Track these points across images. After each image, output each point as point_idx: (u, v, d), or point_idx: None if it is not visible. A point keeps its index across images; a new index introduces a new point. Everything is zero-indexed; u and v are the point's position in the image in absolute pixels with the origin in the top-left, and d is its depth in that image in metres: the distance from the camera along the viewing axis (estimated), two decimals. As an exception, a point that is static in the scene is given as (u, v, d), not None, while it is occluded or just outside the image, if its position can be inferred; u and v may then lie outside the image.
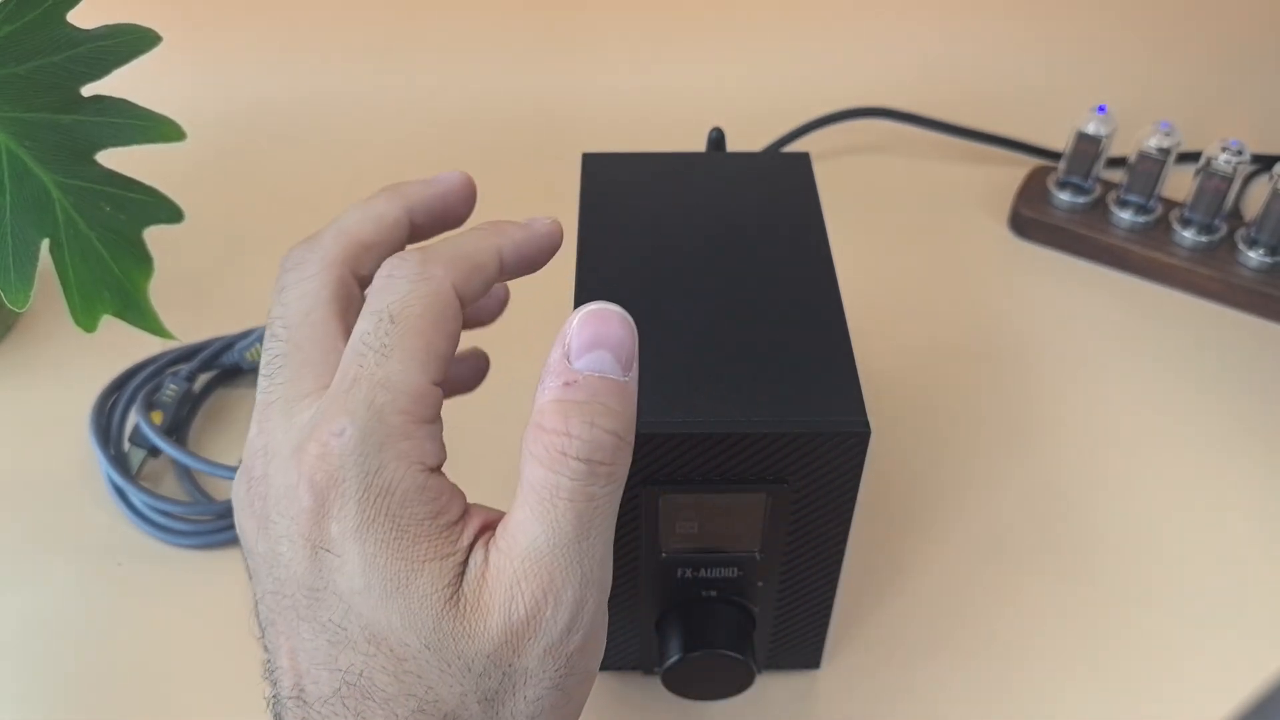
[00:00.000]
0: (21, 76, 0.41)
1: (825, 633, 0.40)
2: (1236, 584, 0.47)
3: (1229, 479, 0.51)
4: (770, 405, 0.33)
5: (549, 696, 0.27)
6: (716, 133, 0.47)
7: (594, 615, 0.27)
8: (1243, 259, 0.59)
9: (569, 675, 0.27)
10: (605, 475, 0.26)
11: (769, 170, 0.43)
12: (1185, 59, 0.71)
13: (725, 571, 0.37)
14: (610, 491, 0.26)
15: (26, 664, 0.44)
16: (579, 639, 0.27)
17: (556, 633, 0.26)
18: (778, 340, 0.35)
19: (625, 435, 0.26)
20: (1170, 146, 0.58)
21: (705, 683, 0.38)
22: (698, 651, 0.37)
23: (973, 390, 0.55)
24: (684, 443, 0.33)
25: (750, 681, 0.38)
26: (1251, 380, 0.55)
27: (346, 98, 0.69)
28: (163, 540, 0.47)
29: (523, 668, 0.26)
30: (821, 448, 0.33)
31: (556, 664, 0.26)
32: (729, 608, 0.38)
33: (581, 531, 0.26)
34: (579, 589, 0.26)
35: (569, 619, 0.26)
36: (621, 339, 0.27)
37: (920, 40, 0.73)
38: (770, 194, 0.41)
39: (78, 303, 0.44)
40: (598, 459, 0.26)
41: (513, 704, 0.26)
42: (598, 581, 0.27)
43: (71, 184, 0.43)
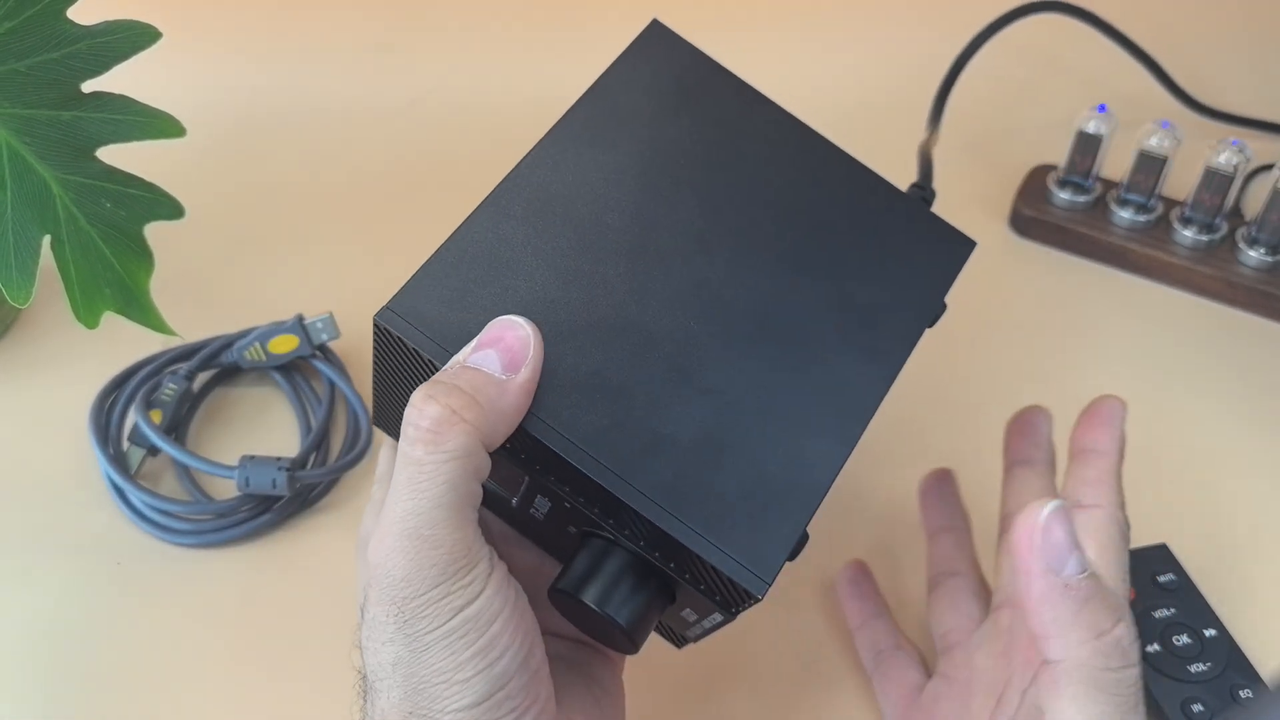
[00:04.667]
0: (22, 73, 0.41)
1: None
2: (1239, 582, 0.47)
3: (1230, 478, 0.51)
4: (687, 502, 0.30)
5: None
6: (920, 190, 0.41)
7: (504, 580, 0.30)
8: (1243, 258, 0.59)
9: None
10: (429, 441, 0.29)
11: (920, 239, 0.37)
12: (1186, 56, 0.71)
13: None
14: (435, 460, 0.29)
15: (25, 663, 0.43)
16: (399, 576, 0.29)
17: (421, 598, 0.29)
18: (768, 439, 0.32)
19: (466, 414, 0.29)
20: (1171, 145, 0.58)
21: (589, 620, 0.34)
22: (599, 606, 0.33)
23: (972, 388, 0.55)
24: (570, 471, 0.31)
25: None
26: (1252, 379, 0.55)
27: (347, 94, 0.69)
28: (161, 539, 0.47)
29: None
30: (716, 578, 0.30)
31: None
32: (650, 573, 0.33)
33: (406, 491, 0.29)
34: (445, 560, 0.29)
35: (433, 576, 0.29)
36: (511, 345, 0.30)
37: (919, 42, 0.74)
38: (903, 268, 0.36)
39: (79, 299, 0.43)
40: (422, 424, 0.29)
41: None
42: (471, 556, 0.30)
43: (72, 180, 0.43)
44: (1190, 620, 0.45)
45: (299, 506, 0.48)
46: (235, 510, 0.47)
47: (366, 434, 0.50)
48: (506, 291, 0.32)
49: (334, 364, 0.53)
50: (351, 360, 0.54)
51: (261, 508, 0.48)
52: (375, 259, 0.61)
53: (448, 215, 0.68)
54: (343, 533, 0.48)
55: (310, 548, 0.48)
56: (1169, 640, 0.45)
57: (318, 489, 0.49)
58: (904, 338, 0.34)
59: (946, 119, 0.68)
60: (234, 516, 0.47)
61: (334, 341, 0.53)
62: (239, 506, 0.47)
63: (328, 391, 0.52)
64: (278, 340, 0.52)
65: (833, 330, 0.34)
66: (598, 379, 0.31)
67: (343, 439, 0.51)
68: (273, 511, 0.47)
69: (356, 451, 0.49)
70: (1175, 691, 0.43)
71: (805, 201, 0.36)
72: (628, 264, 0.33)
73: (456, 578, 0.29)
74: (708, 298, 0.33)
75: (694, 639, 0.35)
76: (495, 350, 0.30)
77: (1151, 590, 0.46)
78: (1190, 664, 0.44)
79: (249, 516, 0.47)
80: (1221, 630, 0.45)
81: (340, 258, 0.60)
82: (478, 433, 0.29)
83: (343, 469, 0.49)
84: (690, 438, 0.31)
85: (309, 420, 0.51)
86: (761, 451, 0.31)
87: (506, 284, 0.33)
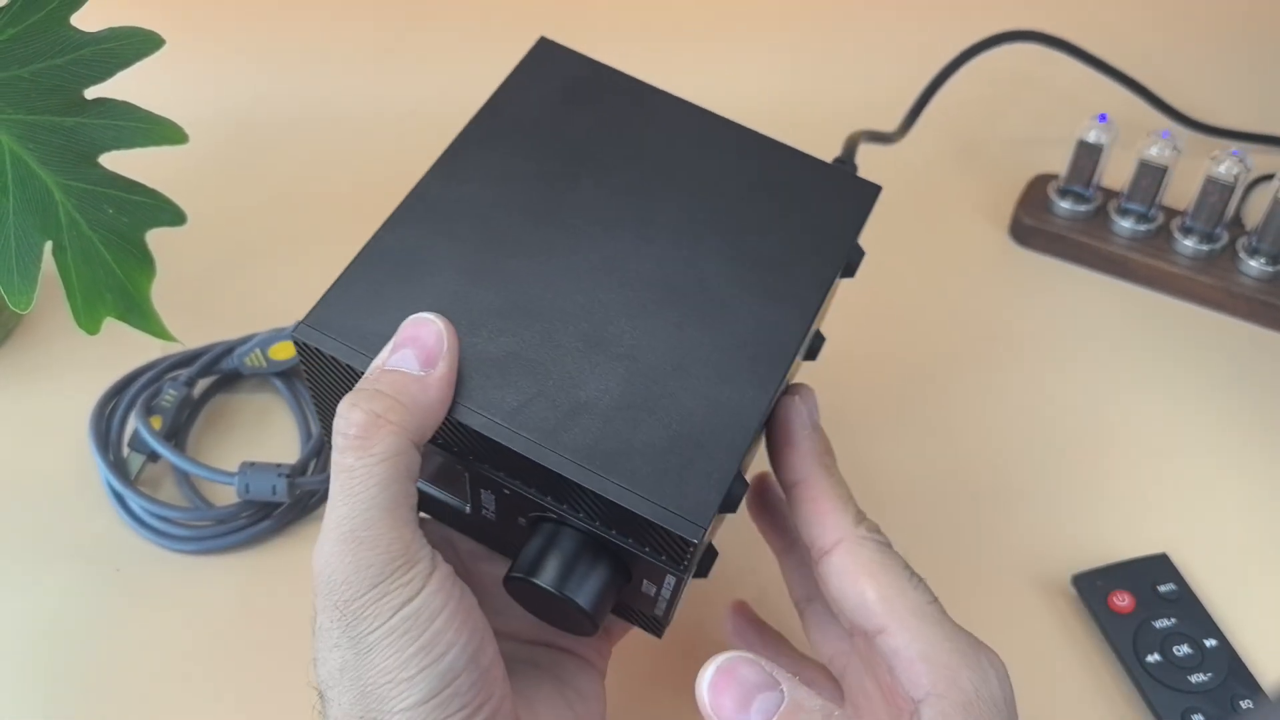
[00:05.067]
0: (25, 79, 0.41)
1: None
2: (1240, 592, 0.47)
3: (1231, 487, 0.51)
4: (616, 463, 0.30)
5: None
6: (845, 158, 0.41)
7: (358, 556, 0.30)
8: (1244, 267, 0.59)
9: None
10: (357, 447, 0.30)
11: (822, 191, 0.37)
12: (1186, 64, 0.71)
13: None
14: (366, 464, 0.29)
15: (24, 669, 0.43)
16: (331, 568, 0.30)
17: (356, 598, 0.30)
18: (687, 393, 0.32)
19: (390, 416, 0.30)
20: (1171, 155, 0.58)
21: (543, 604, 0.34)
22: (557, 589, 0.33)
23: (973, 398, 0.55)
24: (527, 461, 0.31)
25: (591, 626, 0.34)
26: (1252, 389, 0.55)
27: (350, 101, 0.69)
28: (161, 545, 0.47)
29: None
30: (652, 532, 0.31)
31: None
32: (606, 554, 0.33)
33: (341, 496, 0.30)
34: (384, 560, 0.29)
35: (374, 581, 0.30)
36: (425, 341, 0.31)
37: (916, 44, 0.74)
38: (807, 221, 0.36)
39: (80, 305, 0.43)
40: (349, 432, 0.30)
41: None
42: (416, 558, 0.30)
43: (74, 186, 0.43)
44: (1191, 630, 0.45)
45: (299, 513, 0.48)
46: (235, 517, 0.47)
47: (367, 441, 0.50)
48: (418, 293, 0.33)
49: (335, 371, 0.53)
50: (352, 367, 0.54)
51: (261, 514, 0.47)
52: (376, 266, 0.61)
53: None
54: (342, 539, 0.48)
55: (309, 555, 0.47)
56: (1169, 650, 0.44)
57: (317, 496, 0.49)
58: (814, 282, 0.35)
59: (947, 127, 0.68)
60: (233, 523, 0.47)
61: (335, 348, 0.53)
62: (239, 513, 0.47)
63: (328, 398, 0.52)
64: (279, 346, 0.52)
65: (740, 284, 0.34)
66: (514, 360, 0.32)
67: (343, 446, 0.51)
68: (272, 518, 0.47)
69: (357, 458, 0.49)
70: (1176, 702, 0.43)
71: (707, 175, 0.37)
72: (534, 253, 0.35)
73: (395, 576, 0.29)
74: (615, 272, 0.34)
75: (665, 617, 0.35)
76: (411, 349, 0.31)
77: (1152, 600, 0.46)
78: (1191, 674, 0.44)
79: (249, 523, 0.47)
80: (1222, 640, 0.45)
81: (342, 264, 0.60)
82: (405, 432, 0.30)
83: (343, 476, 0.49)
84: (610, 402, 0.32)
85: (309, 427, 0.51)
86: (683, 405, 0.32)
87: (418, 286, 0.34)
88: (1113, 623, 0.45)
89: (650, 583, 0.33)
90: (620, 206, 0.36)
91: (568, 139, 0.37)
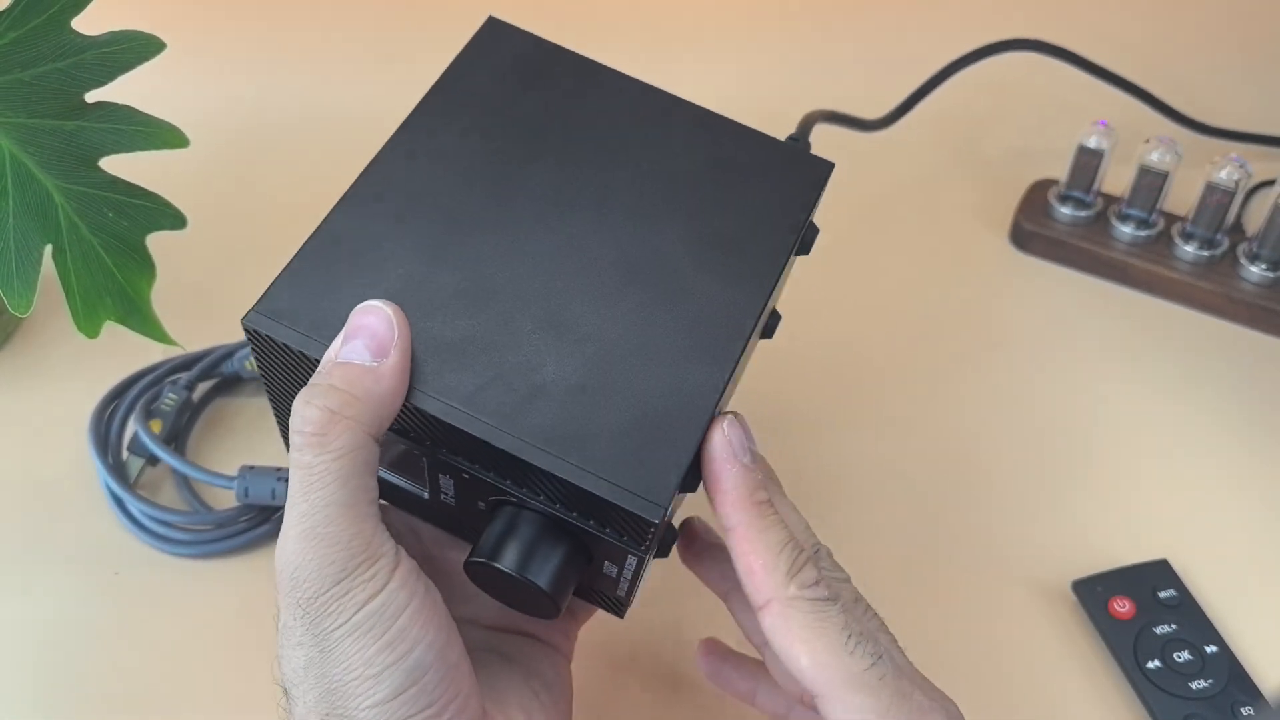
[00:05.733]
0: (26, 82, 0.41)
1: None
2: (1240, 598, 0.47)
3: (1231, 493, 0.51)
4: (575, 444, 0.30)
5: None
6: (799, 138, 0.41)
7: (324, 552, 0.29)
8: (1244, 273, 0.59)
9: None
10: (315, 444, 0.29)
11: (775, 167, 0.37)
12: (1187, 71, 0.71)
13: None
14: (323, 461, 0.29)
15: (23, 672, 0.43)
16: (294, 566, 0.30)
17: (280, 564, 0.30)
18: (646, 373, 0.32)
19: (346, 411, 0.29)
20: (1172, 161, 0.58)
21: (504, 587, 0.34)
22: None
23: (973, 402, 0.55)
24: (485, 443, 0.31)
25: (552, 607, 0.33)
26: (1252, 395, 0.55)
27: (350, 105, 0.69)
28: (160, 549, 0.47)
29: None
30: (613, 513, 0.30)
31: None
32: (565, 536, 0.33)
33: (300, 494, 0.29)
34: (346, 556, 0.29)
35: (353, 575, 0.29)
36: (375, 329, 0.31)
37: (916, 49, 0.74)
38: (762, 196, 0.37)
39: (80, 308, 0.43)
40: (305, 429, 0.29)
41: None
42: (378, 555, 0.30)
43: (75, 190, 0.43)
44: (1191, 636, 0.45)
45: (298, 517, 0.48)
46: (234, 520, 0.47)
47: (366, 445, 0.50)
48: (372, 277, 0.33)
49: (334, 374, 0.53)
50: (352, 371, 0.54)
51: (260, 518, 0.47)
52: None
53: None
54: (342, 544, 0.48)
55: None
56: (1170, 656, 0.44)
57: (317, 500, 0.49)
58: (769, 259, 0.35)
59: (947, 133, 0.68)
60: (233, 527, 0.47)
61: (335, 352, 0.53)
62: (238, 517, 0.47)
63: (328, 402, 0.52)
64: (278, 350, 0.52)
65: (696, 263, 0.35)
66: (471, 343, 0.32)
67: (343, 450, 0.51)
68: (271, 522, 0.47)
69: (356, 462, 0.49)
70: (1176, 708, 0.43)
71: (661, 152, 0.37)
72: (490, 235, 0.34)
73: (358, 573, 0.29)
74: (572, 255, 0.34)
75: (627, 598, 0.35)
76: (361, 339, 0.30)
77: (1152, 606, 0.46)
78: (1191, 680, 0.44)
79: (248, 527, 0.47)
80: (1223, 646, 0.45)
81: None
82: (361, 426, 0.29)
83: (342, 480, 0.49)
84: (568, 384, 0.32)
85: (309, 431, 0.51)
86: (641, 386, 0.32)
87: (371, 270, 0.33)
88: (1113, 629, 0.45)
89: (612, 564, 0.33)
90: (575, 186, 0.36)
91: (520, 117, 0.37)
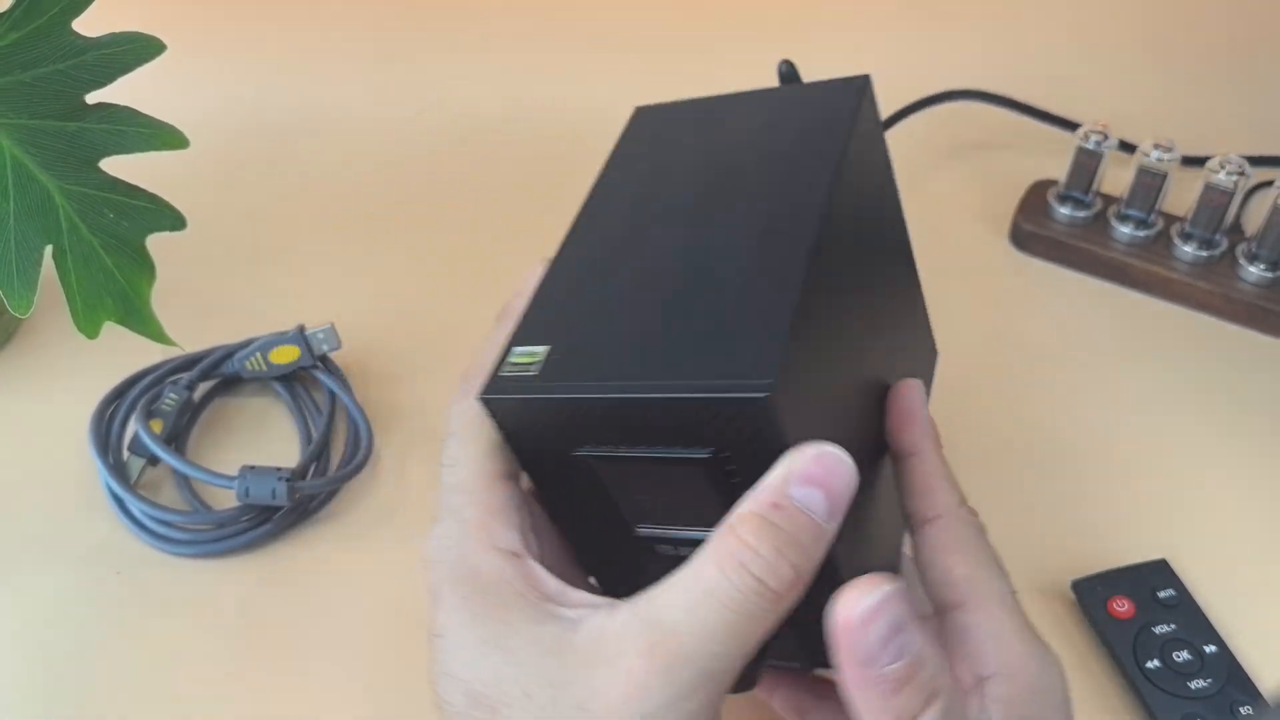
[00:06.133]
0: (27, 83, 0.42)
1: None
2: (1239, 598, 0.47)
3: (1230, 493, 0.51)
4: (670, 368, 0.29)
5: None
6: (786, 66, 0.42)
7: (703, 712, 0.28)
8: (1243, 274, 0.59)
9: None
10: (771, 600, 0.27)
11: (814, 101, 0.37)
12: (1186, 72, 0.71)
13: (694, 534, 0.33)
14: (766, 615, 0.28)
15: (23, 672, 0.43)
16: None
17: (654, 705, 0.27)
18: (714, 296, 0.31)
19: (804, 574, 0.28)
20: (1171, 161, 0.59)
21: None
22: None
23: (971, 403, 0.55)
24: (585, 407, 0.30)
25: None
26: (1251, 395, 0.55)
27: (350, 107, 0.69)
28: (161, 549, 0.47)
29: None
30: (725, 412, 0.28)
31: None
32: None
33: (722, 635, 0.27)
34: (695, 678, 0.27)
35: (672, 698, 0.27)
36: (840, 491, 0.28)
37: (916, 53, 0.74)
38: (802, 127, 0.36)
39: (80, 309, 0.44)
40: (771, 584, 0.27)
41: None
42: (718, 684, 0.28)
43: (75, 190, 0.43)
44: (1190, 636, 0.45)
45: (299, 517, 0.48)
46: (235, 520, 0.47)
47: (366, 444, 0.50)
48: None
49: (335, 375, 0.53)
50: (352, 371, 0.54)
51: (261, 518, 0.48)
52: (377, 270, 0.61)
53: (450, 227, 0.69)
54: (342, 543, 0.48)
55: (310, 558, 0.47)
56: (1169, 656, 0.44)
57: (317, 500, 0.49)
58: (820, 167, 0.34)
59: (947, 133, 0.68)
60: (233, 527, 0.47)
61: (335, 352, 0.53)
62: (238, 517, 0.47)
63: (328, 402, 0.52)
64: (279, 350, 0.52)
65: (753, 211, 0.34)
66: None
67: (343, 450, 0.51)
68: (272, 522, 0.47)
69: (356, 462, 0.49)
70: (1175, 708, 0.43)
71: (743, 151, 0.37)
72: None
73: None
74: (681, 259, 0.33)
75: None
76: (820, 492, 0.28)
77: (1151, 606, 0.46)
78: (1190, 680, 0.44)
79: (248, 527, 0.47)
80: (1222, 646, 0.45)
81: (342, 269, 0.60)
82: (800, 584, 0.28)
83: (343, 480, 0.49)
84: (646, 332, 0.31)
85: (309, 431, 0.51)
86: (712, 308, 0.30)
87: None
88: (1112, 628, 0.45)
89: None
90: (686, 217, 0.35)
91: (661, 175, 0.37)
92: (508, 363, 0.32)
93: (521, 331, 0.33)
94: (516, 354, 0.32)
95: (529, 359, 0.31)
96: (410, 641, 0.45)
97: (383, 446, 0.51)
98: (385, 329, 0.56)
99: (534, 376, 0.30)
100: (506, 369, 0.31)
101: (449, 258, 0.62)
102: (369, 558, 0.47)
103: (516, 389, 0.31)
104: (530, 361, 0.31)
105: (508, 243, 0.62)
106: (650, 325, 0.31)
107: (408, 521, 0.49)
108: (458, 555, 0.30)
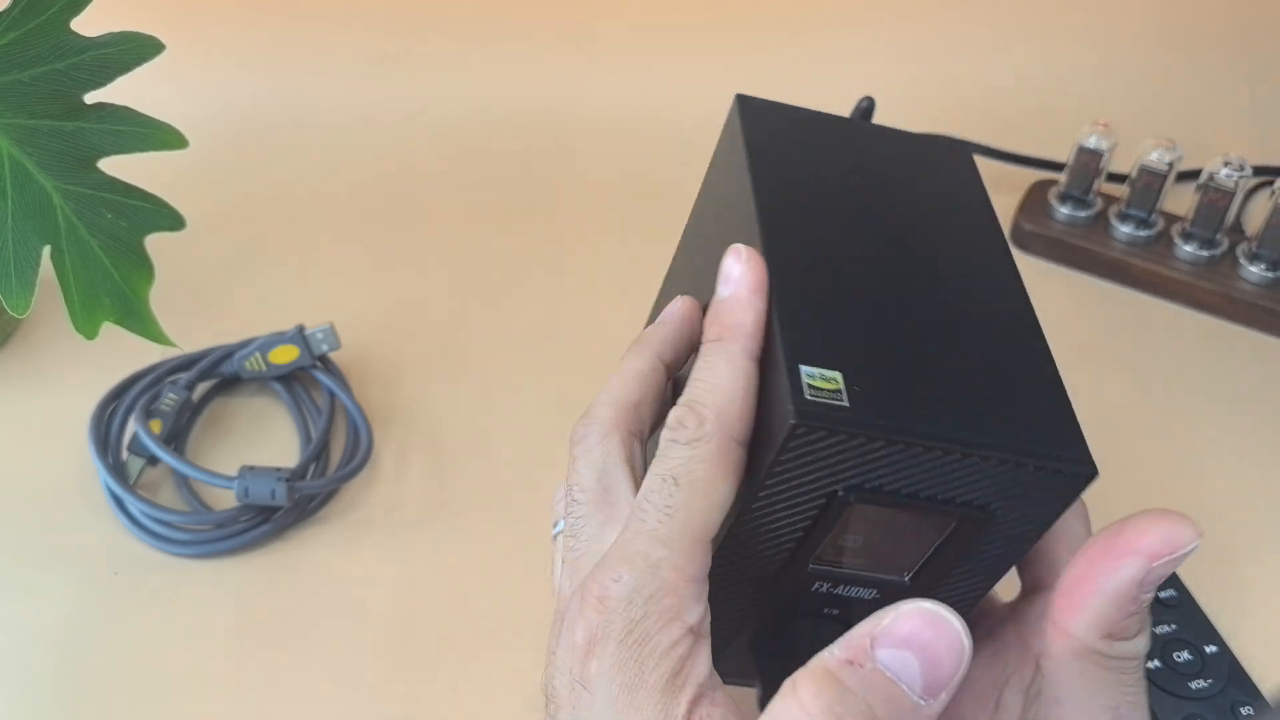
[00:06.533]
0: (25, 83, 0.41)
1: None
2: (1240, 598, 0.47)
3: (1231, 493, 0.51)
4: (990, 427, 0.29)
5: None
6: (867, 102, 0.42)
7: None
8: (1244, 273, 0.59)
9: None
10: None
11: (929, 154, 0.39)
12: (1187, 73, 0.71)
13: (862, 592, 0.32)
14: None
15: (22, 673, 0.43)
16: None
17: None
18: (979, 353, 0.31)
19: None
20: (1171, 161, 0.58)
21: None
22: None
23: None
24: (900, 452, 0.29)
25: None
26: (1252, 394, 0.55)
27: (350, 106, 0.69)
28: (160, 549, 0.47)
29: None
30: (1038, 482, 0.29)
31: None
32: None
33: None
34: None
35: None
36: (939, 659, 0.24)
37: (918, 54, 0.74)
38: (939, 182, 0.37)
39: (78, 309, 0.43)
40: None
41: None
42: None
43: (73, 190, 0.43)
44: (1191, 636, 0.45)
45: (298, 517, 0.48)
46: (234, 521, 0.47)
47: (366, 445, 0.50)
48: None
49: (334, 375, 0.53)
50: (352, 371, 0.54)
51: (260, 518, 0.47)
52: (376, 270, 0.61)
53: (448, 226, 0.68)
54: (341, 544, 0.48)
55: (309, 559, 0.47)
56: (1170, 656, 0.44)
57: (317, 500, 0.49)
58: (1004, 255, 0.36)
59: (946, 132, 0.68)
60: (233, 527, 0.47)
61: (334, 352, 0.53)
62: (238, 517, 0.47)
63: (328, 402, 0.52)
64: (278, 351, 0.52)
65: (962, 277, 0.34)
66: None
67: (342, 450, 0.51)
68: (272, 522, 0.47)
69: (356, 462, 0.49)
70: (1176, 708, 0.43)
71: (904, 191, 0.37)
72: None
73: None
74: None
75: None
76: (916, 658, 0.24)
77: (1152, 606, 0.46)
78: (1191, 680, 0.44)
79: (248, 527, 0.47)
80: (1222, 646, 0.45)
81: (341, 269, 0.60)
82: None
83: (342, 480, 0.49)
84: (932, 381, 0.30)
85: (309, 431, 0.51)
86: (990, 371, 0.31)
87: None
88: (1112, 629, 0.45)
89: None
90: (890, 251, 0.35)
91: (829, 196, 0.36)
92: (808, 385, 0.29)
93: (792, 349, 0.30)
94: (810, 374, 0.29)
95: (827, 384, 0.29)
96: (410, 641, 0.45)
97: (382, 446, 0.51)
98: (385, 329, 0.56)
99: (845, 407, 0.29)
100: (810, 391, 0.29)
101: (448, 258, 0.62)
102: (368, 558, 0.47)
103: (834, 419, 0.28)
104: (831, 388, 0.29)
105: (508, 243, 0.62)
106: (937, 373, 0.30)
107: (407, 521, 0.49)
108: (641, 614, 0.28)
